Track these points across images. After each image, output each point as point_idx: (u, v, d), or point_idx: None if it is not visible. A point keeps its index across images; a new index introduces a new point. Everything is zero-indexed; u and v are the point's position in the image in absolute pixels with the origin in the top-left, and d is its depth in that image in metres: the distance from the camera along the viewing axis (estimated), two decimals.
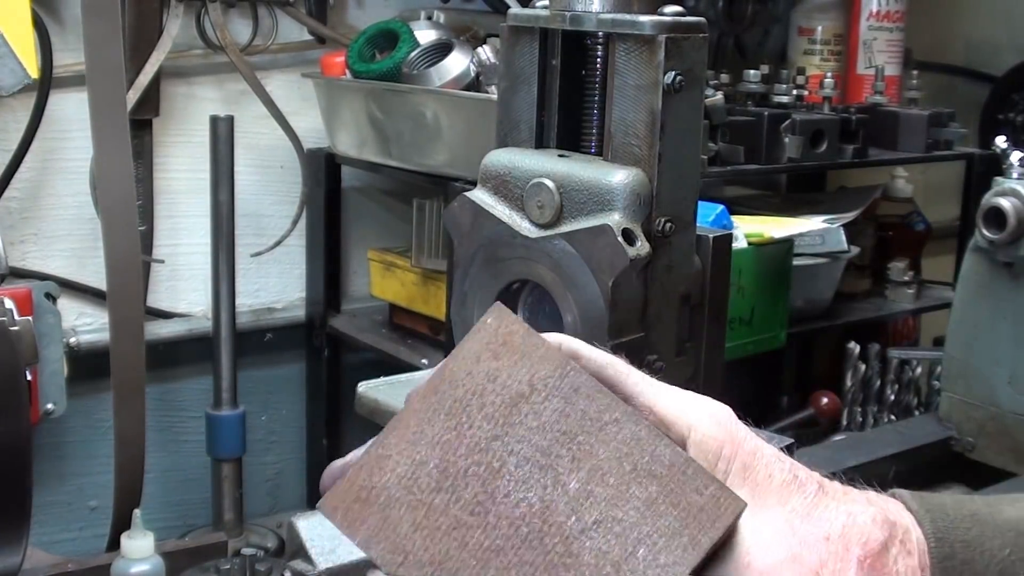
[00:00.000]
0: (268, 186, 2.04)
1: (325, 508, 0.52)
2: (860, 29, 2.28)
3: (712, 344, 0.99)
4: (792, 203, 2.18)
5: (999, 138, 1.54)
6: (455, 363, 0.53)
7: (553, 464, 0.51)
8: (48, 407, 1.56)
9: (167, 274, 1.97)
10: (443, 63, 1.74)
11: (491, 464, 0.51)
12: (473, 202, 0.95)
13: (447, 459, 0.51)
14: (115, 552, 1.34)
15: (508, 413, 0.52)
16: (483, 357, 0.53)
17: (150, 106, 1.87)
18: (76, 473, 1.93)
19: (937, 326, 2.31)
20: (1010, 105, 2.62)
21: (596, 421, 0.52)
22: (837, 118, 1.92)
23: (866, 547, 0.53)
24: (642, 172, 0.90)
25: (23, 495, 1.12)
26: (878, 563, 0.53)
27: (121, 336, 1.52)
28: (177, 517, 2.00)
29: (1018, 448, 1.53)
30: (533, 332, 0.54)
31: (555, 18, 0.94)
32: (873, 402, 2.02)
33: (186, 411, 2.01)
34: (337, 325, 2.03)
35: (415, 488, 0.51)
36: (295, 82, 2.01)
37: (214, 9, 1.88)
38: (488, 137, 1.02)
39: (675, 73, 0.89)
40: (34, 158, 1.80)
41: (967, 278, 1.57)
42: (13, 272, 1.65)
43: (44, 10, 1.77)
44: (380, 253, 2.03)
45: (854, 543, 0.53)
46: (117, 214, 1.51)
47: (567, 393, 0.52)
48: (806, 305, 1.96)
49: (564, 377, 0.53)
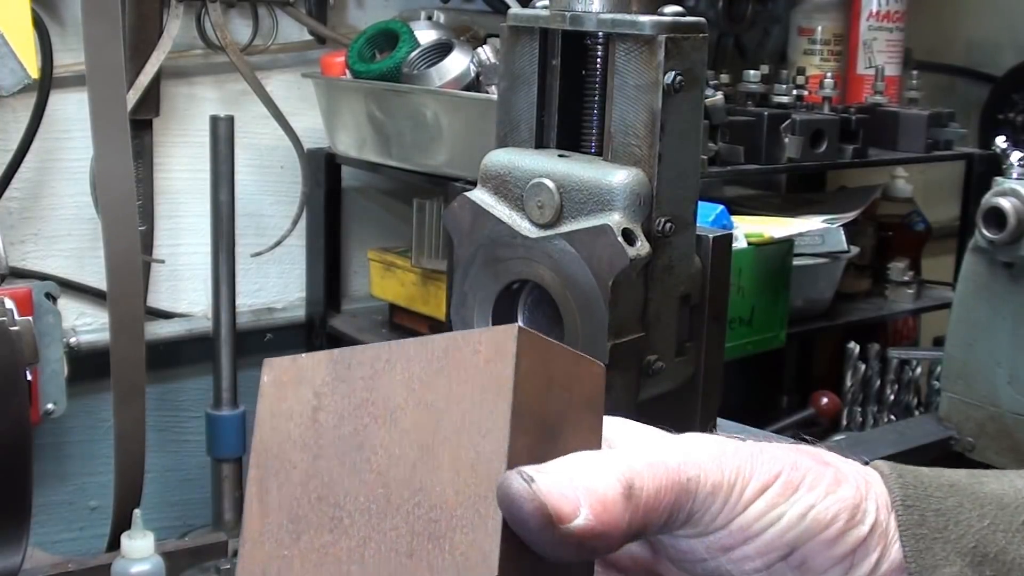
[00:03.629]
0: (268, 186, 2.04)
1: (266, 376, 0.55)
2: (860, 29, 2.28)
3: (712, 344, 0.99)
4: (792, 203, 2.18)
5: (999, 138, 1.54)
6: (257, 438, 0.56)
7: (365, 440, 0.53)
8: (48, 407, 1.56)
9: (167, 274, 1.97)
10: (443, 63, 1.74)
11: (323, 480, 0.53)
12: (473, 202, 0.95)
13: (292, 509, 0.54)
14: (115, 552, 1.34)
15: (313, 430, 0.54)
16: (272, 411, 0.56)
17: (150, 106, 1.87)
18: (76, 473, 1.93)
19: (937, 326, 2.31)
20: (1010, 105, 2.62)
21: (371, 374, 0.54)
22: (837, 118, 1.92)
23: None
24: (642, 172, 0.90)
25: (23, 495, 1.12)
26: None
27: (121, 336, 1.52)
28: (177, 517, 2.00)
29: (1018, 448, 1.53)
30: (293, 358, 0.57)
31: (555, 18, 0.94)
32: (873, 402, 2.02)
33: (186, 411, 2.01)
34: (337, 325, 2.03)
35: (283, 552, 0.53)
36: (295, 82, 2.01)
37: (214, 9, 1.88)
38: (488, 137, 1.02)
39: (675, 73, 0.89)
40: (34, 158, 1.80)
41: (967, 278, 1.57)
42: (13, 272, 1.65)
43: (44, 10, 1.77)
44: (380, 253, 2.03)
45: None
46: (117, 214, 1.51)
47: (343, 377, 0.55)
48: (806, 305, 1.96)
49: (335, 366, 0.55)
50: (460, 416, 0.51)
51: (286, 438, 0.55)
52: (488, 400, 0.50)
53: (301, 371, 0.56)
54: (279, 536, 0.54)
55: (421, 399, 0.52)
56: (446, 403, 0.51)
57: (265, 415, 0.56)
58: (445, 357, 0.52)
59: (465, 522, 0.49)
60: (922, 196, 2.47)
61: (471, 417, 0.50)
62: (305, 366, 0.56)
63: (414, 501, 0.51)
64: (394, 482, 0.51)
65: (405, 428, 0.52)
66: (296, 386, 0.55)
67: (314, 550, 0.52)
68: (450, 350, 0.52)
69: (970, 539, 0.52)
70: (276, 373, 0.56)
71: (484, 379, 0.50)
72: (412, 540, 0.50)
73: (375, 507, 0.51)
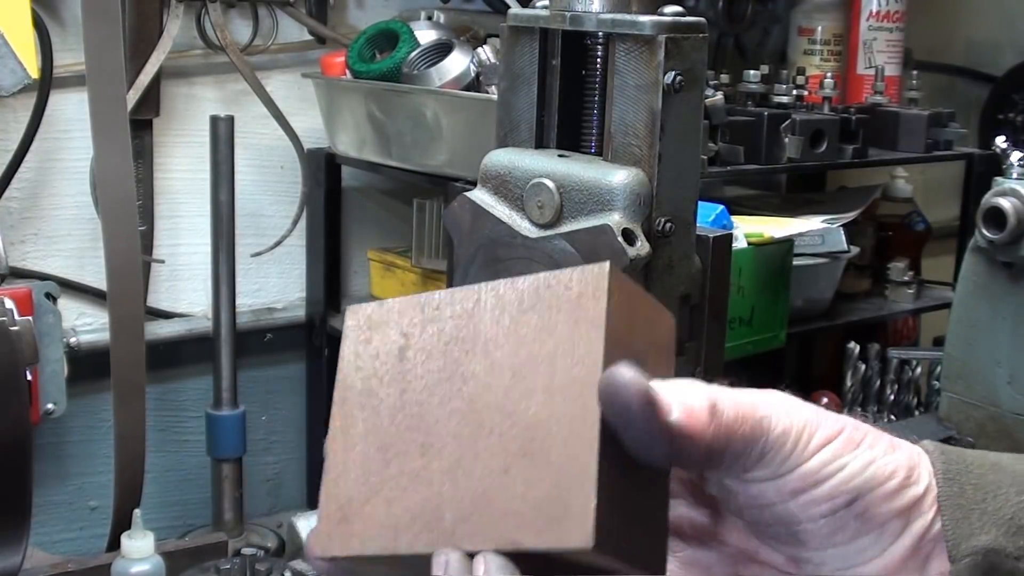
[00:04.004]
0: (268, 186, 2.04)
1: (314, 550, 0.55)
2: (860, 29, 2.28)
3: (712, 344, 0.99)
4: (792, 203, 2.18)
5: (999, 138, 1.54)
6: (340, 377, 0.58)
7: (455, 371, 0.55)
8: (48, 407, 1.56)
9: (167, 274, 1.97)
10: (443, 63, 1.74)
11: (412, 411, 0.55)
12: (473, 202, 0.95)
13: (380, 439, 0.55)
14: (115, 552, 1.34)
15: (400, 367, 0.56)
16: (357, 352, 0.58)
17: (150, 106, 1.87)
18: (76, 473, 1.93)
19: (937, 326, 2.31)
20: (1010, 105, 2.62)
21: (462, 313, 0.56)
22: (837, 118, 1.92)
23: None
24: (642, 172, 0.90)
25: (23, 495, 1.12)
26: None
27: (121, 336, 1.52)
28: (177, 517, 2.00)
29: (1018, 448, 1.53)
30: (380, 302, 0.59)
31: (555, 18, 0.94)
32: (873, 402, 2.02)
33: (186, 411, 2.01)
34: (337, 325, 2.03)
35: (371, 478, 0.54)
36: (295, 82, 2.01)
37: (214, 9, 1.88)
38: (488, 137, 1.02)
39: (675, 73, 0.89)
40: (34, 158, 1.80)
41: (967, 278, 1.57)
42: (13, 272, 1.65)
43: (44, 10, 1.76)
44: (380, 253, 2.03)
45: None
46: (117, 214, 1.51)
47: (431, 318, 0.56)
48: (806, 305, 1.96)
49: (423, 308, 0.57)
50: (553, 346, 0.53)
51: (372, 375, 0.56)
52: (581, 331, 0.52)
53: (388, 314, 0.58)
54: (366, 464, 0.54)
55: (513, 332, 0.54)
56: (537, 334, 0.53)
57: (350, 356, 0.58)
58: (536, 294, 0.54)
59: (560, 439, 0.51)
60: (922, 196, 2.47)
61: (564, 347, 0.52)
62: (392, 309, 0.58)
63: (507, 424, 0.52)
64: (486, 408, 0.53)
65: (497, 359, 0.54)
66: (383, 328, 0.57)
67: (404, 474, 0.53)
68: (541, 288, 0.54)
69: (1007, 511, 0.55)
70: (361, 316, 0.58)
71: (577, 312, 0.53)
72: (506, 458, 0.51)
73: (467, 431, 0.53)
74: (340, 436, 0.56)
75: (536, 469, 0.51)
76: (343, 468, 0.55)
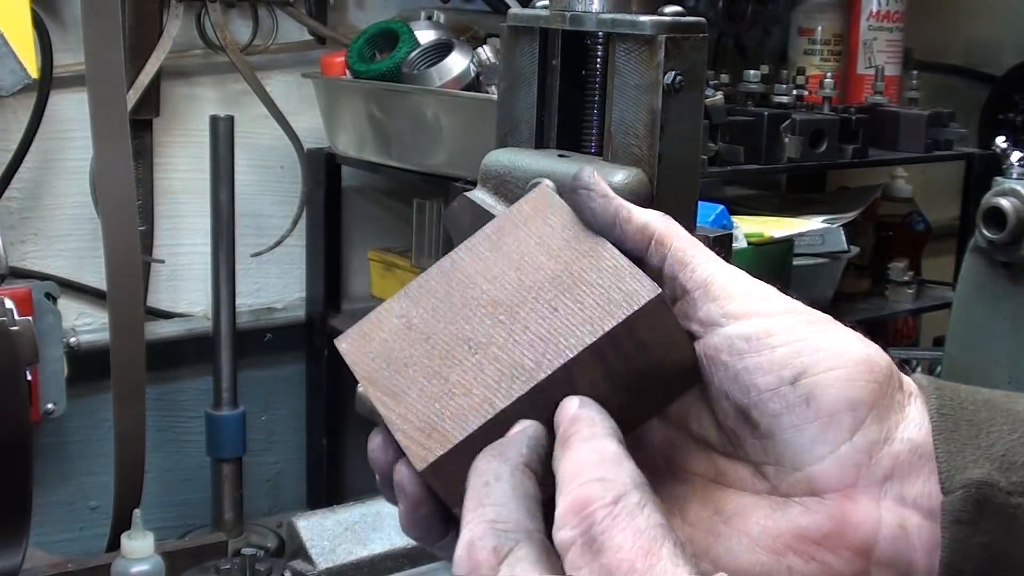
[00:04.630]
0: (268, 186, 2.04)
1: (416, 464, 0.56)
2: (860, 29, 2.28)
3: None
4: (792, 203, 2.18)
5: (999, 138, 1.54)
6: (359, 375, 0.59)
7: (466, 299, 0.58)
8: (48, 407, 1.56)
9: (167, 274, 1.97)
10: (443, 63, 1.74)
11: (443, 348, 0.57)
12: (473, 202, 0.95)
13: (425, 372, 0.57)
14: (115, 552, 1.34)
15: (410, 333, 0.58)
16: (364, 350, 0.59)
17: (150, 106, 1.87)
18: (76, 473, 1.93)
19: (937, 326, 2.31)
20: (1010, 105, 2.62)
21: (442, 273, 0.60)
22: (837, 118, 1.93)
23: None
24: (642, 172, 0.90)
25: (23, 495, 1.12)
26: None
27: (121, 336, 1.52)
28: (177, 517, 2.00)
29: None
30: (359, 321, 0.61)
31: (555, 18, 0.94)
32: None
33: (186, 411, 2.01)
34: (337, 325, 2.03)
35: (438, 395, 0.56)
36: (295, 82, 2.01)
37: (214, 9, 1.88)
38: (488, 137, 1.02)
39: (675, 73, 0.89)
40: (34, 158, 1.80)
41: (967, 278, 1.57)
42: (13, 272, 1.65)
43: (44, 10, 1.77)
44: (380, 253, 2.03)
45: None
46: (117, 214, 1.51)
47: (416, 296, 0.59)
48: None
49: (405, 297, 0.60)
50: (537, 238, 0.60)
51: (388, 353, 0.58)
52: (553, 219, 0.61)
53: (375, 316, 0.60)
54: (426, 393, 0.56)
55: (496, 254, 0.59)
56: (518, 244, 0.60)
57: (359, 360, 0.59)
58: (500, 229, 0.62)
59: (587, 265, 0.57)
60: (922, 196, 2.47)
61: (545, 232, 0.60)
62: (376, 312, 0.60)
63: (533, 292, 0.57)
64: (509, 296, 0.57)
65: (495, 272, 0.58)
66: (378, 326, 0.59)
67: (467, 371, 0.56)
68: (500, 223, 0.62)
69: (1000, 448, 0.54)
70: (353, 336, 0.59)
71: (542, 215, 0.62)
72: (550, 303, 0.56)
73: (503, 315, 0.57)
74: (387, 401, 0.57)
75: (580, 291, 0.56)
76: (404, 411, 0.56)
